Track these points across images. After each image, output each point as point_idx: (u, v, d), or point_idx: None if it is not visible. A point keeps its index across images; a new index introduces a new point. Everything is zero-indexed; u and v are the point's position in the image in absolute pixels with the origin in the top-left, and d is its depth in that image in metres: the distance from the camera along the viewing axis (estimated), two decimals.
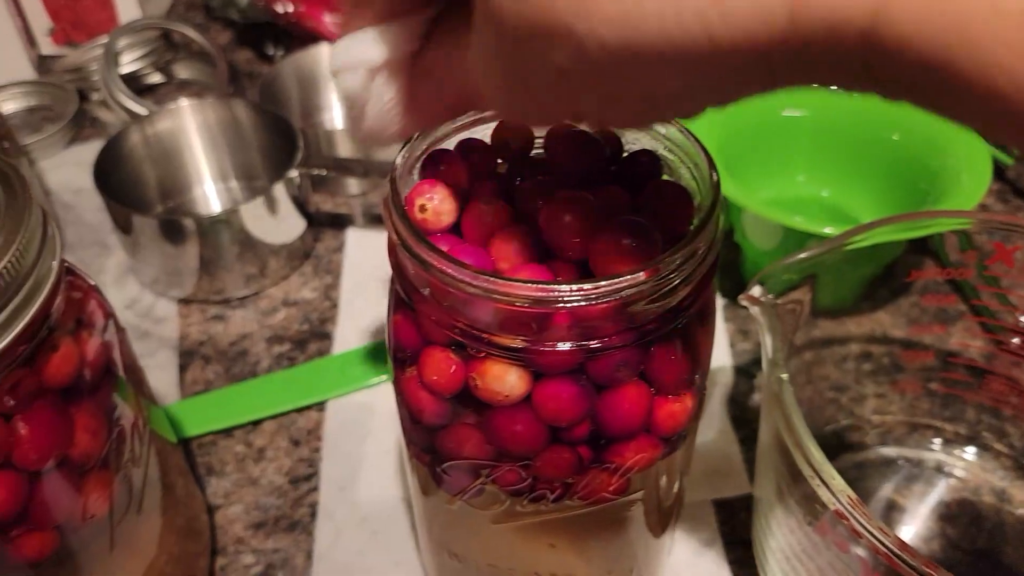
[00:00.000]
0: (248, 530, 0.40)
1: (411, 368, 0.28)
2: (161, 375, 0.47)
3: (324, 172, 0.51)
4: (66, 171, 0.60)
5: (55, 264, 0.26)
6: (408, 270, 0.26)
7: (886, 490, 0.41)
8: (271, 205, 0.50)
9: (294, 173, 0.50)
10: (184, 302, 0.51)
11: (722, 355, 0.47)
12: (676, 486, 0.33)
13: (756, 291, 0.34)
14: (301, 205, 0.52)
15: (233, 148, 0.56)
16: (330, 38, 0.62)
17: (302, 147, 0.51)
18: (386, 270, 0.27)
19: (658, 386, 0.27)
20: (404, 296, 0.27)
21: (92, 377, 0.28)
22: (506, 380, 0.25)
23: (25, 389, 0.26)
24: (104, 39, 0.68)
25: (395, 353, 0.29)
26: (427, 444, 0.29)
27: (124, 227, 0.49)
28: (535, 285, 0.23)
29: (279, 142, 0.53)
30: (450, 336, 0.26)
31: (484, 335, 0.25)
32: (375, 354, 0.47)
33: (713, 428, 0.44)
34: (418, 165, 0.29)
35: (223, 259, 0.49)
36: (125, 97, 0.59)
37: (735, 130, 0.51)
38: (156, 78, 0.68)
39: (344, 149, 0.56)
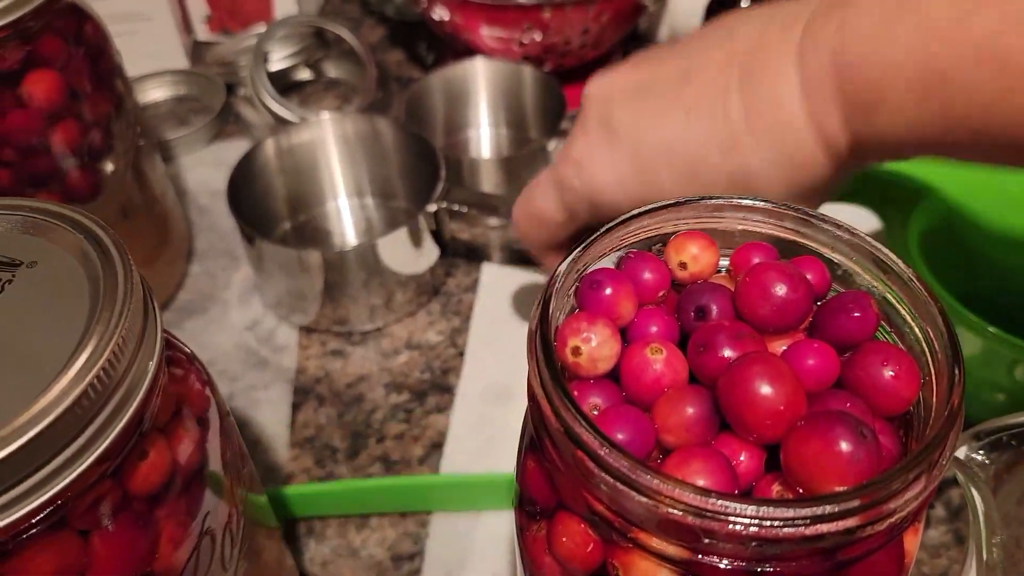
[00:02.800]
0: None
1: (539, 526, 0.23)
2: (273, 413, 0.44)
3: (464, 209, 0.47)
4: (205, 170, 0.59)
5: (153, 365, 0.23)
6: (549, 423, 0.21)
7: None
8: (407, 238, 0.46)
9: (433, 207, 0.46)
10: (306, 330, 0.49)
11: None
12: None
13: (964, 450, 0.28)
14: (436, 235, 0.48)
15: (371, 165, 0.53)
16: (485, 51, 0.58)
17: (443, 178, 0.47)
18: (520, 317, 0.22)
19: None
20: (539, 445, 0.22)
21: (184, 478, 0.25)
22: None
23: (108, 503, 0.23)
24: (258, 28, 0.66)
25: (522, 500, 0.24)
26: None
27: (251, 245, 0.47)
28: (707, 497, 0.18)
29: (420, 163, 0.50)
30: (589, 512, 0.21)
31: (633, 532, 0.20)
32: (497, 487, 0.41)
33: None
34: (574, 285, 0.24)
35: (349, 288, 0.46)
36: (270, 98, 0.57)
37: (938, 209, 0.43)
38: (305, 75, 0.66)
39: (488, 180, 0.51)
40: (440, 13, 0.57)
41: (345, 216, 0.54)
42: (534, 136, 0.58)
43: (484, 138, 0.59)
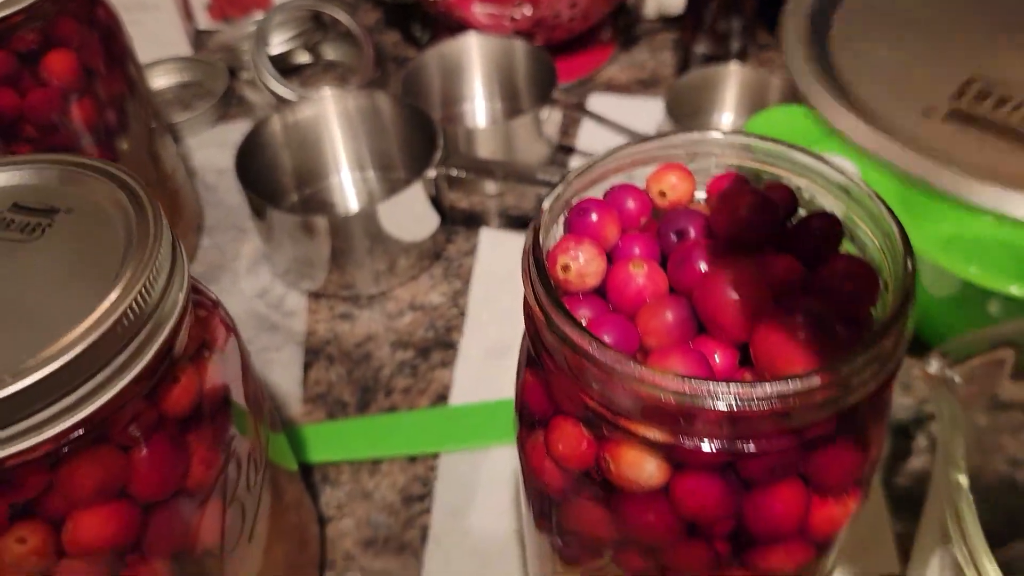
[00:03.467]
0: (358, 546, 0.39)
1: (538, 433, 0.26)
2: (285, 372, 0.47)
3: (463, 174, 0.49)
4: (211, 150, 0.61)
5: (182, 296, 0.25)
6: (543, 336, 0.23)
7: None
8: (407, 204, 0.48)
9: (432, 173, 0.48)
10: (314, 296, 0.51)
11: None
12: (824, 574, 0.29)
13: (934, 366, 0.30)
14: (436, 203, 0.50)
15: (372, 138, 0.55)
16: (477, 28, 0.60)
17: (441, 146, 0.49)
18: (518, 277, 0.25)
19: (818, 487, 0.24)
20: (536, 357, 0.24)
21: (211, 404, 0.28)
22: (643, 469, 0.23)
23: (145, 421, 0.25)
24: (257, 16, 0.68)
25: (521, 413, 0.27)
26: (547, 510, 0.27)
27: (260, 216, 0.49)
28: (685, 380, 0.20)
29: (418, 135, 0.52)
30: (583, 410, 0.23)
31: (622, 421, 0.22)
32: (500, 413, 0.44)
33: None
34: (563, 214, 0.26)
35: (354, 254, 0.49)
36: (272, 79, 0.59)
37: None
38: (304, 58, 0.68)
39: (484, 148, 0.54)
40: None
41: (348, 189, 0.56)
42: (526, 107, 0.60)
43: (479, 110, 0.61)
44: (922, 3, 0.17)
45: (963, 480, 0.26)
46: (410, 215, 0.49)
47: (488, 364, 0.46)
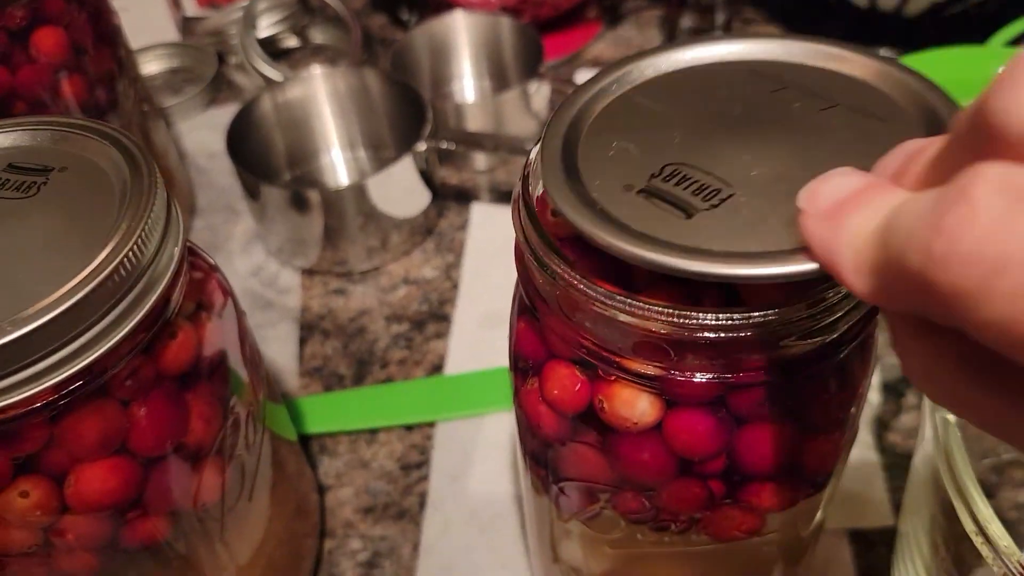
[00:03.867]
0: (357, 514, 0.40)
1: (532, 380, 0.26)
2: (281, 348, 0.47)
3: (452, 146, 0.49)
4: (202, 134, 0.61)
5: (177, 251, 0.26)
6: (535, 279, 0.24)
7: None
8: (397, 178, 0.48)
9: (422, 146, 0.49)
10: (308, 273, 0.51)
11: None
12: (816, 521, 0.30)
13: None
14: (427, 178, 0.51)
15: (362, 117, 0.55)
16: (464, 5, 0.60)
17: (431, 120, 0.49)
18: (510, 251, 0.25)
19: (806, 423, 0.24)
20: (529, 304, 0.25)
21: (209, 364, 0.28)
22: (636, 406, 0.23)
23: (143, 376, 0.25)
24: (244, 2, 0.68)
25: (516, 362, 0.27)
26: (544, 459, 0.28)
27: (253, 194, 0.49)
28: (674, 311, 0.21)
29: (408, 113, 0.52)
30: (577, 352, 0.24)
31: (614, 357, 0.23)
32: (495, 381, 0.44)
33: (855, 449, 0.40)
34: None
35: (347, 230, 0.49)
36: (261, 62, 0.59)
37: None
38: (292, 42, 0.68)
39: (473, 123, 0.54)
40: None
41: (339, 168, 0.56)
42: (514, 84, 0.60)
43: (468, 88, 0.61)
44: (650, 110, 0.24)
45: (951, 417, 0.26)
46: (401, 190, 0.49)
47: (482, 334, 0.47)
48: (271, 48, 0.66)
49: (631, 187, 0.21)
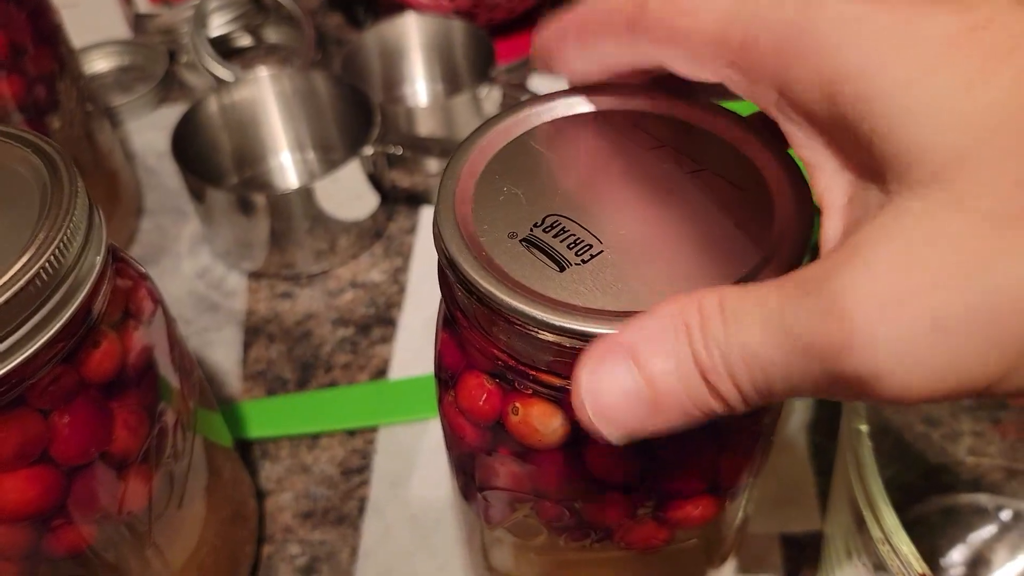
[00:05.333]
0: (296, 519, 0.40)
1: (452, 391, 0.26)
2: (225, 351, 0.47)
3: (400, 151, 0.49)
4: (152, 134, 0.60)
5: (99, 259, 0.26)
6: (455, 293, 0.24)
7: (974, 541, 0.37)
8: (344, 182, 0.48)
9: (369, 150, 0.49)
10: (254, 276, 0.51)
11: None
12: (738, 521, 0.31)
13: None
14: (376, 182, 0.51)
15: (311, 119, 0.55)
16: (416, 7, 0.60)
17: (379, 123, 0.49)
18: None
19: (721, 440, 0.25)
20: (450, 316, 0.25)
21: (135, 372, 0.28)
22: (548, 423, 0.24)
23: (65, 385, 0.25)
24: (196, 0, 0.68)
25: (439, 372, 0.27)
26: (468, 468, 0.28)
27: (198, 197, 0.49)
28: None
29: (357, 115, 0.52)
30: (494, 365, 0.24)
31: (529, 371, 0.23)
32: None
33: (789, 453, 0.41)
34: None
35: (294, 234, 0.49)
36: (212, 61, 0.59)
37: None
38: (245, 41, 0.68)
39: (423, 127, 0.54)
40: None
41: (288, 170, 0.56)
42: (466, 88, 0.60)
43: (420, 92, 0.61)
44: (541, 157, 0.25)
45: (863, 427, 0.27)
46: (348, 193, 0.49)
47: (427, 339, 0.47)
48: (223, 47, 0.66)
49: (515, 235, 0.23)
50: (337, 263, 0.51)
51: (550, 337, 0.21)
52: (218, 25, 0.65)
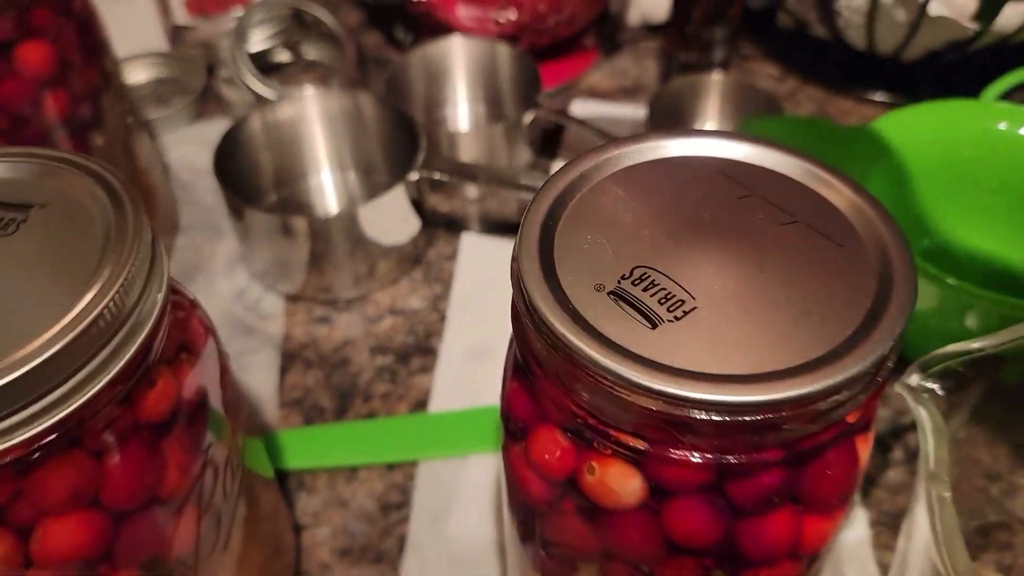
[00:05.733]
0: (334, 555, 0.38)
1: (521, 443, 0.25)
2: (262, 376, 0.46)
3: (445, 178, 0.48)
4: (188, 148, 0.60)
5: (161, 296, 0.25)
6: (532, 343, 0.23)
7: None
8: (387, 207, 0.48)
9: (414, 175, 0.48)
10: (292, 299, 0.50)
11: None
12: None
13: (915, 378, 0.30)
14: (417, 207, 0.50)
15: (354, 140, 0.54)
16: (461, 31, 0.59)
17: (424, 148, 0.48)
18: (499, 283, 0.25)
19: (809, 504, 0.24)
20: (523, 364, 0.24)
21: (188, 411, 0.27)
22: (626, 484, 0.22)
23: (119, 427, 0.24)
24: (236, 12, 0.67)
25: (507, 421, 0.26)
26: (530, 520, 0.27)
27: (238, 216, 0.48)
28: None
29: (401, 137, 0.51)
30: (571, 421, 0.23)
31: (610, 431, 0.22)
32: (480, 421, 0.43)
33: None
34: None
35: (333, 256, 0.48)
36: (251, 76, 0.58)
37: (890, 171, 0.46)
38: (284, 57, 0.67)
39: (466, 152, 0.53)
40: None
41: (328, 190, 0.55)
42: (509, 111, 0.59)
43: (462, 114, 0.60)
44: (624, 203, 0.24)
45: (946, 494, 0.26)
46: (391, 218, 0.48)
47: (468, 369, 0.46)
48: (262, 62, 0.65)
49: (602, 287, 0.22)
50: (375, 288, 0.50)
51: (642, 400, 0.20)
52: (258, 40, 0.64)
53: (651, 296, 0.22)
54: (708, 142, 0.26)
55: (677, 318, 0.21)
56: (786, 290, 0.22)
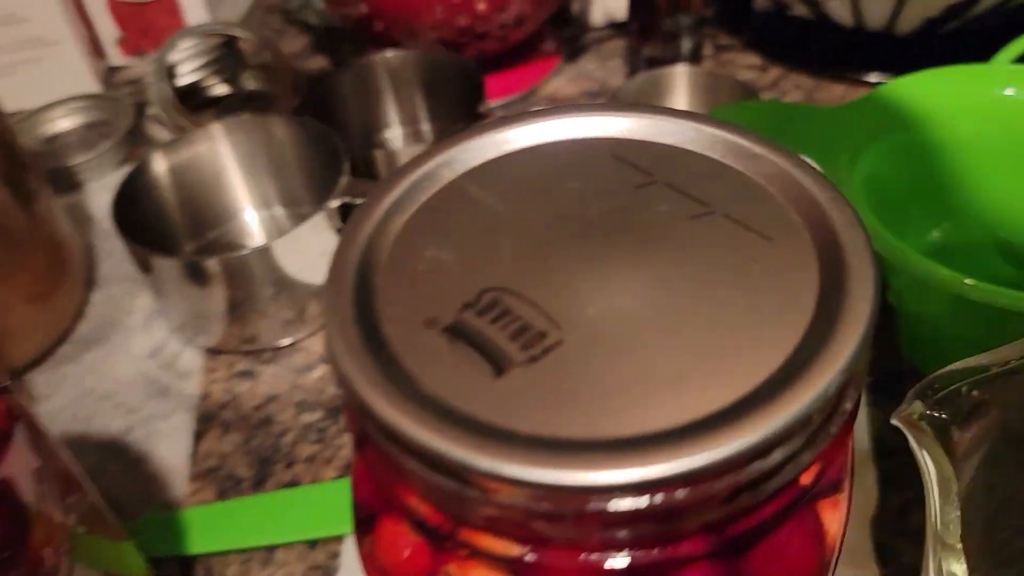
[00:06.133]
0: None
1: (369, 535, 0.19)
2: (172, 444, 0.40)
3: None
4: (110, 195, 0.55)
5: None
6: (362, 420, 0.17)
7: None
8: (309, 239, 0.42)
9: (336, 202, 0.42)
10: (213, 352, 0.44)
11: (865, 457, 0.36)
12: None
13: (915, 408, 0.23)
14: None
15: (274, 171, 0.49)
16: (398, 41, 0.54)
17: (347, 171, 0.43)
18: None
19: None
20: (360, 438, 0.18)
21: None
22: None
23: None
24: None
25: (354, 509, 0.20)
26: None
27: (144, 267, 0.43)
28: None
29: (326, 161, 0.46)
30: (411, 511, 0.17)
31: (451, 526, 0.15)
32: None
33: (850, 559, 0.32)
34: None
35: (255, 301, 0.42)
36: (175, 112, 0.53)
37: (889, 151, 0.39)
38: (221, 90, 0.62)
39: None
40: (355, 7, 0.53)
41: (255, 231, 0.50)
42: (456, 126, 0.54)
43: (404, 133, 0.55)
44: (483, 206, 0.18)
45: (960, 570, 0.19)
46: (315, 252, 0.42)
47: None
48: (197, 97, 0.60)
49: (434, 321, 0.16)
50: (306, 334, 0.44)
51: (480, 485, 0.14)
52: (187, 72, 0.59)
53: (500, 330, 0.16)
54: (597, 119, 0.20)
55: (534, 358, 0.15)
56: (691, 310, 0.16)
